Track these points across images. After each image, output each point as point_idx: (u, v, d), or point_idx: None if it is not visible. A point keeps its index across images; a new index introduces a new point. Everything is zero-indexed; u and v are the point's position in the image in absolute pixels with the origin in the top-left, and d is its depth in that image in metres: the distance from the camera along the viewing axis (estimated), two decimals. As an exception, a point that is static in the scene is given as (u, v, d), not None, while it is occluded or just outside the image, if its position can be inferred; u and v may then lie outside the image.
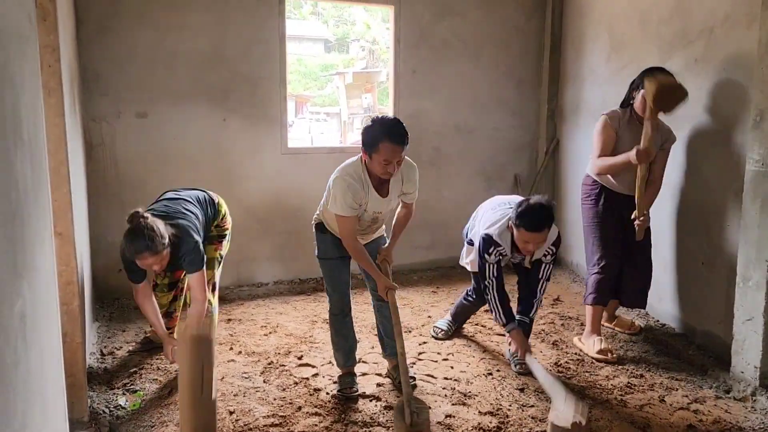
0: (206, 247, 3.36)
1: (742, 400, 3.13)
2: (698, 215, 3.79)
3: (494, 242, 3.24)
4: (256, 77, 4.70)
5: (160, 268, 3.06)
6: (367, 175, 2.92)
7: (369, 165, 2.88)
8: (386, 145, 2.74)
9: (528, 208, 3.09)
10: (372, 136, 2.78)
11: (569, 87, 5.27)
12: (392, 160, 2.78)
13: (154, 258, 2.94)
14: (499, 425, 2.87)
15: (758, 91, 3.10)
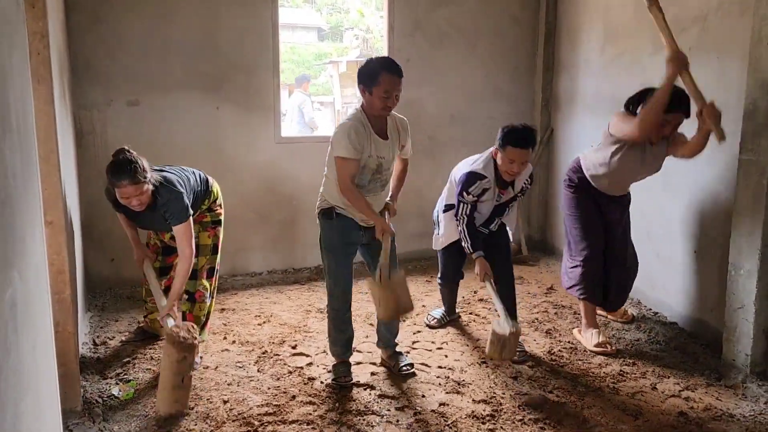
0: (200, 234, 3.35)
1: (733, 388, 3.16)
2: (692, 205, 3.80)
3: (478, 175, 3.36)
4: (249, 66, 4.67)
5: (140, 204, 3.00)
6: (366, 119, 2.95)
7: (369, 103, 2.91)
8: (386, 76, 2.82)
9: (513, 127, 3.28)
10: (371, 70, 2.85)
11: (564, 76, 5.26)
12: (392, 91, 2.84)
13: (133, 188, 2.90)
14: (492, 413, 2.88)
15: (751, 79, 3.10)
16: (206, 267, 3.41)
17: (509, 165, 3.28)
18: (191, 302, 3.34)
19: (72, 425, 2.68)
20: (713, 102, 2.98)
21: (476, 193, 3.37)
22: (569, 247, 3.76)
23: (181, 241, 3.11)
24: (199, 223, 3.37)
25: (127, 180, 2.89)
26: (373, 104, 2.89)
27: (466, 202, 3.40)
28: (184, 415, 2.81)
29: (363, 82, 2.89)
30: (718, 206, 3.56)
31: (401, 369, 3.25)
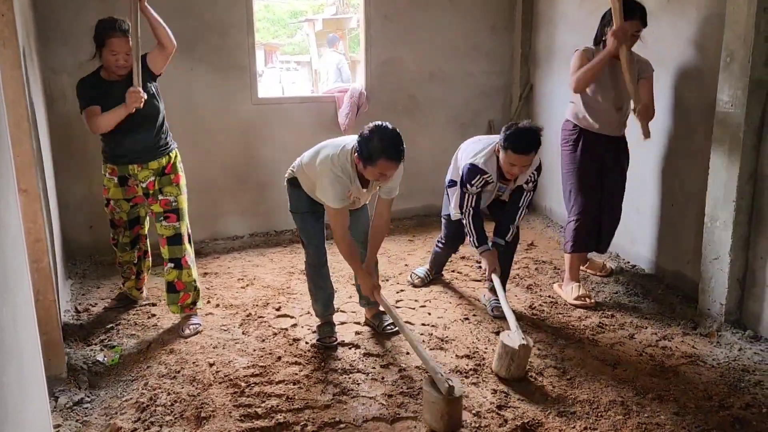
0: (179, 197, 3.33)
1: (708, 336, 3.25)
2: (669, 159, 3.83)
3: (480, 170, 3.27)
4: (222, 25, 4.55)
5: (126, 64, 3.10)
6: (354, 170, 2.90)
7: (361, 170, 2.84)
8: (384, 162, 2.73)
9: (517, 130, 3.12)
10: (370, 151, 2.72)
11: (542, 31, 5.21)
12: (388, 173, 2.79)
13: (124, 40, 3.07)
14: (475, 367, 2.94)
15: (729, 30, 3.09)
16: (186, 232, 3.38)
17: (510, 167, 3.19)
18: (178, 269, 3.29)
19: (58, 392, 2.68)
20: (648, 104, 3.42)
21: (479, 185, 3.31)
22: (565, 202, 3.84)
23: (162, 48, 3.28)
24: (177, 186, 3.33)
25: (120, 32, 3.04)
26: (365, 174, 2.83)
27: (471, 194, 3.34)
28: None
29: (360, 156, 2.77)
30: (695, 160, 3.59)
31: (385, 328, 3.29)
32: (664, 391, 2.74)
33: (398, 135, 2.75)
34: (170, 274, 3.31)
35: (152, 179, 3.27)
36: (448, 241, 3.81)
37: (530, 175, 3.34)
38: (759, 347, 3.08)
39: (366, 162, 2.75)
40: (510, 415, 2.56)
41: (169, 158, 3.34)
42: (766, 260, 3.11)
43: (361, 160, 2.78)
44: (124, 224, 3.45)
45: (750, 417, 2.54)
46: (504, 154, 3.16)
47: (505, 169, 3.23)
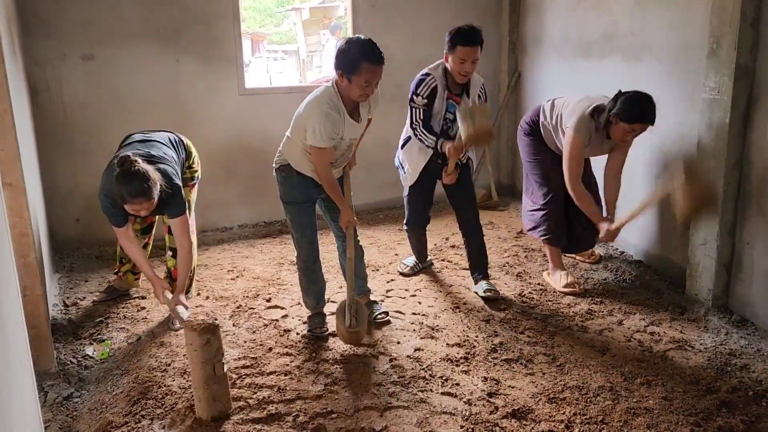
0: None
1: (696, 321, 3.28)
2: (657, 145, 3.84)
3: (423, 74, 3.41)
4: (208, 15, 4.50)
5: (147, 213, 2.98)
6: (341, 101, 2.87)
7: (345, 89, 2.82)
8: (367, 66, 2.72)
9: (458, 28, 3.32)
10: (351, 59, 2.72)
11: (530, 18, 5.20)
12: (373, 80, 2.77)
13: (148, 203, 2.85)
14: (466, 355, 2.96)
15: (715, 17, 3.10)
16: (189, 222, 3.37)
17: (461, 65, 3.29)
18: (176, 258, 3.33)
19: (47, 387, 2.67)
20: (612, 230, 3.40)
21: (425, 93, 3.37)
22: (530, 191, 3.82)
23: (181, 234, 3.10)
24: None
25: (143, 198, 2.80)
26: (351, 92, 2.81)
27: (418, 107, 3.41)
28: (228, 416, 2.50)
29: (341, 68, 2.75)
30: (682, 146, 3.61)
31: (376, 317, 3.30)
32: (652, 376, 2.76)
33: (372, 41, 2.79)
34: (169, 261, 3.38)
35: None
36: (409, 222, 3.83)
37: (480, 92, 3.49)
38: (745, 331, 3.11)
39: (349, 73, 2.74)
40: (500, 402, 2.58)
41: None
42: (752, 246, 3.14)
43: (344, 75, 2.77)
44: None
45: (737, 400, 2.57)
46: (453, 54, 3.30)
47: (456, 70, 3.32)
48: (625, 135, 3.25)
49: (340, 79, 2.80)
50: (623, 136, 3.27)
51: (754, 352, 2.94)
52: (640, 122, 3.19)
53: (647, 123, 3.20)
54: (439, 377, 2.78)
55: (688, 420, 2.44)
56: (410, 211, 3.80)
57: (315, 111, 2.83)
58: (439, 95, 3.41)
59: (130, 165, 2.79)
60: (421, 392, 2.66)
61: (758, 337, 3.06)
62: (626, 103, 3.19)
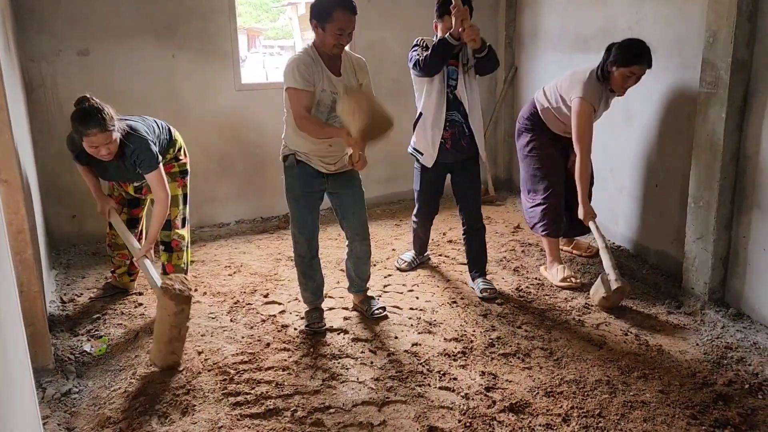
0: (169, 185, 3.26)
1: (692, 315, 3.29)
2: (653, 139, 3.85)
3: (422, 40, 3.45)
4: (204, 10, 4.49)
5: (109, 154, 2.95)
6: (317, 55, 2.89)
7: (320, 41, 2.85)
8: (340, 12, 2.76)
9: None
10: (325, 5, 2.78)
11: (527, 13, 5.19)
12: (346, 29, 2.79)
13: (103, 136, 2.85)
14: (463, 350, 2.96)
15: (712, 11, 3.10)
16: (179, 217, 3.40)
17: (457, 24, 3.16)
18: (168, 252, 3.36)
19: (45, 383, 2.67)
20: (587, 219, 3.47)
21: (421, 50, 3.39)
22: (528, 186, 3.81)
23: (156, 186, 3.08)
24: (168, 174, 3.30)
25: (96, 128, 2.82)
26: (325, 41, 2.83)
27: (418, 57, 3.38)
28: (179, 367, 2.82)
29: (316, 18, 2.82)
30: (678, 140, 3.62)
31: (373, 312, 3.30)
32: (649, 369, 2.77)
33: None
34: (163, 255, 3.38)
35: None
36: (420, 212, 3.82)
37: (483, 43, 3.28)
38: (741, 325, 3.13)
39: (323, 22, 2.78)
40: (498, 396, 2.59)
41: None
42: (748, 239, 3.15)
43: (318, 24, 2.81)
44: (122, 201, 3.44)
45: (733, 393, 2.59)
46: (442, 22, 3.37)
47: (448, 25, 3.28)
48: (625, 81, 3.32)
49: (315, 29, 2.85)
50: (623, 83, 3.33)
51: (750, 346, 2.96)
52: (637, 64, 3.25)
53: (644, 64, 3.27)
54: (437, 372, 2.78)
55: (685, 413, 2.45)
56: (421, 200, 3.78)
57: (289, 60, 2.89)
58: None
59: (84, 101, 2.88)
60: (419, 387, 2.67)
61: (754, 330, 3.07)
62: (621, 48, 3.29)
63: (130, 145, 2.98)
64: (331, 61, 2.92)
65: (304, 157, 3.01)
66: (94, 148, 2.89)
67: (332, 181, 3.09)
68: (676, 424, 2.39)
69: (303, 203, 3.10)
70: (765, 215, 3.05)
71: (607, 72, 3.36)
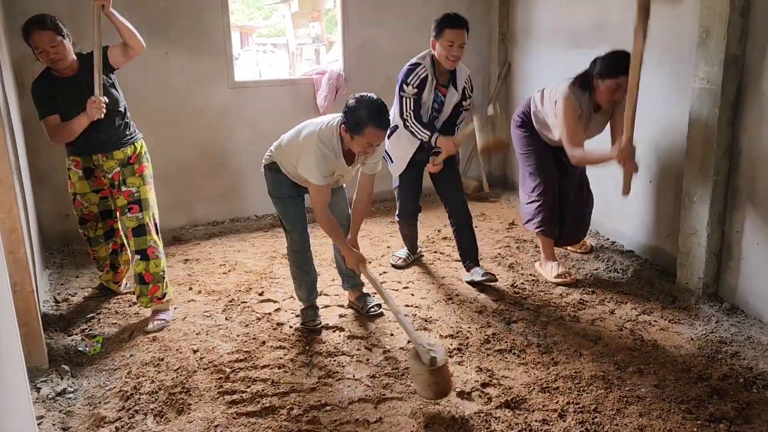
0: (141, 188, 3.24)
1: (687, 309, 3.31)
2: (647, 135, 3.86)
3: (413, 64, 3.41)
4: (197, 7, 4.47)
5: (58, 56, 2.98)
6: (339, 145, 2.88)
7: (347, 140, 2.83)
8: (372, 130, 2.72)
9: (444, 14, 3.37)
10: (357, 120, 2.72)
11: (520, 9, 5.19)
12: (375, 143, 2.78)
13: (48, 34, 2.92)
14: (459, 346, 2.96)
15: (704, 7, 3.11)
16: (151, 222, 3.27)
17: (449, 49, 3.30)
18: (145, 260, 3.21)
19: (40, 383, 2.66)
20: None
21: (415, 83, 3.37)
22: (524, 184, 3.81)
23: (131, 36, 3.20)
24: (141, 177, 3.25)
25: (37, 26, 2.90)
26: (351, 146, 2.83)
27: (408, 96, 3.40)
28: None
29: (347, 126, 2.77)
30: (672, 136, 3.63)
31: (369, 310, 3.30)
32: (644, 364, 2.78)
33: (383, 103, 2.78)
34: (138, 266, 3.23)
35: (118, 170, 3.21)
36: (402, 214, 3.82)
37: (465, 82, 3.50)
38: (735, 319, 3.14)
39: (353, 132, 2.75)
40: (494, 392, 2.59)
41: (135, 148, 3.28)
42: (742, 234, 3.16)
43: (348, 131, 2.78)
44: (95, 217, 3.37)
45: (727, 387, 2.60)
46: (440, 39, 3.32)
47: (444, 54, 3.33)
48: (611, 94, 3.24)
49: (344, 133, 2.81)
50: (610, 97, 3.25)
51: (744, 340, 2.97)
52: (624, 74, 3.11)
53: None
54: (433, 368, 2.78)
55: (680, 407, 2.46)
56: (401, 201, 3.80)
57: (312, 148, 2.84)
58: (429, 85, 3.42)
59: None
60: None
61: (748, 324, 3.09)
62: (607, 60, 3.25)
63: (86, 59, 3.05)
64: (349, 152, 2.93)
65: (289, 176, 3.08)
66: (42, 52, 2.93)
67: None
68: (671, 418, 2.40)
69: (291, 201, 3.13)
70: (758, 210, 3.06)
71: (592, 86, 3.29)
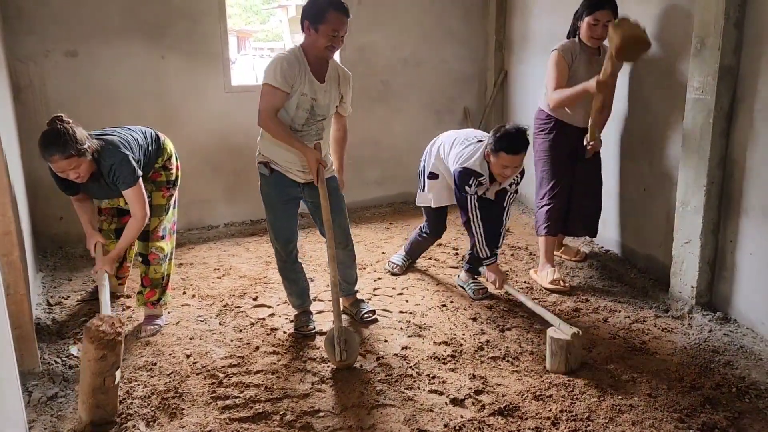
0: (153, 194, 3.21)
1: (680, 318, 3.32)
2: (641, 143, 3.88)
3: (474, 173, 3.28)
4: (194, 11, 4.47)
5: (78, 177, 2.84)
6: (303, 56, 2.86)
7: (311, 42, 2.82)
8: (333, 13, 2.74)
9: (506, 132, 3.18)
10: (318, 7, 2.76)
11: (517, 17, 5.22)
12: (339, 31, 2.77)
13: (66, 161, 2.71)
14: (453, 353, 2.96)
15: (699, 18, 3.13)
16: (159, 228, 3.24)
17: (503, 170, 3.22)
18: (146, 265, 3.21)
19: (32, 387, 2.64)
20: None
21: (473, 191, 3.32)
22: (538, 189, 3.87)
23: (133, 203, 2.97)
24: (153, 182, 3.23)
25: (58, 154, 2.69)
26: (317, 43, 2.80)
27: (470, 195, 3.32)
28: (111, 423, 2.44)
29: (308, 18, 2.79)
30: (665, 144, 3.65)
31: (363, 316, 3.30)
32: (637, 373, 2.79)
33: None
34: (140, 267, 3.25)
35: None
36: (432, 230, 3.82)
37: (515, 177, 3.38)
38: (728, 328, 3.15)
39: (316, 22, 2.76)
40: (488, 399, 2.59)
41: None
42: (735, 244, 3.18)
43: (311, 25, 2.78)
44: (112, 212, 3.36)
45: (720, 397, 2.60)
46: (496, 157, 3.19)
47: (497, 172, 3.26)
48: (592, 31, 3.54)
49: (307, 31, 2.81)
50: (591, 33, 3.55)
51: (737, 349, 2.98)
52: (599, 9, 3.48)
53: (606, 9, 3.48)
54: (427, 375, 2.78)
55: (673, 416, 2.47)
56: (430, 220, 3.79)
57: (273, 58, 2.85)
58: (483, 188, 3.41)
59: (53, 122, 2.76)
60: (409, 390, 2.67)
61: (741, 334, 3.10)
62: (583, 1, 3.56)
63: (106, 161, 2.87)
64: (317, 65, 2.89)
65: (279, 167, 2.99)
66: (62, 172, 2.80)
67: (308, 190, 3.06)
68: (664, 427, 2.41)
69: (280, 211, 3.07)
70: (752, 220, 3.08)
71: (576, 29, 3.60)
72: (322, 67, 2.92)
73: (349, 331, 2.88)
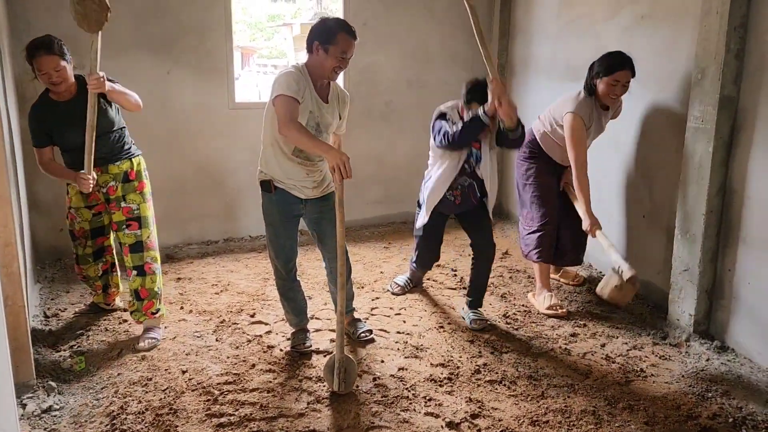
0: (141, 206, 3.25)
1: (678, 346, 3.31)
2: (641, 171, 3.90)
3: (444, 110, 3.38)
4: (200, 27, 4.52)
5: (60, 80, 3.01)
6: (307, 74, 2.88)
7: (319, 63, 2.83)
8: (344, 36, 2.78)
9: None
10: (329, 29, 2.80)
11: (519, 41, 5.27)
12: (348, 53, 2.82)
13: (49, 58, 2.94)
14: (449, 376, 2.95)
15: (700, 48, 3.17)
16: (150, 238, 3.27)
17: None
18: (141, 276, 3.22)
19: (26, 399, 2.63)
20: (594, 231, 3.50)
21: (450, 119, 3.32)
22: (525, 214, 3.84)
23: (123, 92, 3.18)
24: (140, 194, 3.26)
25: (43, 50, 2.92)
26: (324, 63, 2.82)
27: (448, 128, 3.24)
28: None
29: (318, 39, 2.81)
30: (665, 172, 3.67)
31: (360, 335, 3.29)
32: (634, 400, 2.78)
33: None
34: (135, 281, 3.23)
35: (113, 184, 3.21)
36: (419, 260, 3.85)
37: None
38: (726, 357, 3.15)
39: (326, 43, 2.78)
40: (484, 423, 2.58)
41: (132, 164, 3.28)
42: (734, 272, 3.18)
43: (321, 46, 2.80)
44: (86, 234, 3.35)
45: (717, 427, 2.59)
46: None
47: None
48: (610, 90, 3.44)
49: (316, 51, 2.84)
50: (609, 92, 3.44)
51: (735, 379, 2.97)
52: (619, 70, 3.38)
53: (626, 70, 3.39)
54: (423, 397, 2.77)
55: (669, 445, 2.45)
56: (419, 252, 3.80)
57: (281, 73, 2.87)
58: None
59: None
60: (404, 412, 2.65)
61: (738, 363, 3.10)
62: (602, 60, 3.46)
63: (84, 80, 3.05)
64: (320, 85, 2.92)
65: (281, 184, 3.00)
66: (45, 74, 2.95)
67: (311, 206, 3.07)
68: (660, 456, 2.39)
69: (280, 229, 3.07)
70: (750, 249, 3.09)
71: (593, 87, 3.50)
72: (325, 89, 2.96)
73: (349, 360, 2.83)
